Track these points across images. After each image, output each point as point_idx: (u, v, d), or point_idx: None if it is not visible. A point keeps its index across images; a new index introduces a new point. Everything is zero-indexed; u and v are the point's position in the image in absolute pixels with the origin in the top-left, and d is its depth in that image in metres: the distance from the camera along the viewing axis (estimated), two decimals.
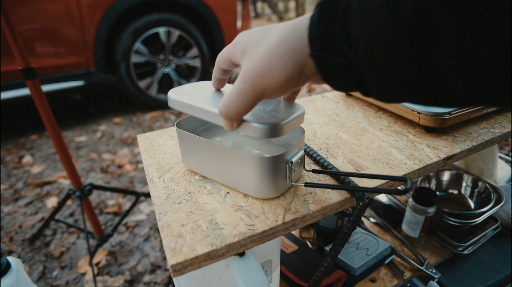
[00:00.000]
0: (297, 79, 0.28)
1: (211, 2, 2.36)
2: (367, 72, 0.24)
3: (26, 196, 1.53)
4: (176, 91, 0.41)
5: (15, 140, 2.10)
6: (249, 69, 0.29)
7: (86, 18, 1.98)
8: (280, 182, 0.39)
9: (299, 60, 0.27)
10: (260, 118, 0.34)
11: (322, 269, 0.41)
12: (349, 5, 0.23)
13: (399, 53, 0.21)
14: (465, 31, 0.18)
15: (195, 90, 0.42)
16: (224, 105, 0.31)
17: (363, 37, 0.22)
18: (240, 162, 0.38)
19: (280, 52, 0.27)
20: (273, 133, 0.33)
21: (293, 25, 0.28)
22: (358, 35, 0.23)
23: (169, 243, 0.33)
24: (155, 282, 1.07)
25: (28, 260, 1.18)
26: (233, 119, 0.32)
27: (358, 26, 0.22)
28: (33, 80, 0.84)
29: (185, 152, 0.45)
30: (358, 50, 0.23)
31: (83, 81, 2.13)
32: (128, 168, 1.75)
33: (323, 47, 0.25)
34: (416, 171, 0.45)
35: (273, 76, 0.28)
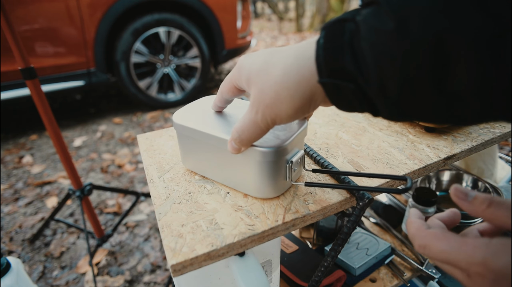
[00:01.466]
0: (307, 107, 0.28)
1: (211, 2, 2.36)
2: (379, 97, 0.23)
3: (26, 196, 1.53)
4: (181, 115, 0.43)
5: (15, 140, 2.10)
6: (258, 100, 0.29)
7: (86, 18, 1.98)
8: (280, 182, 0.39)
9: (306, 90, 0.27)
10: (263, 141, 0.35)
11: (322, 269, 0.41)
12: (357, 31, 0.23)
13: (411, 78, 0.21)
14: (481, 55, 0.18)
15: (199, 111, 0.43)
16: (238, 132, 0.32)
17: (374, 63, 0.22)
18: (240, 159, 0.38)
19: (286, 84, 0.27)
20: (277, 155, 0.35)
21: (295, 52, 0.27)
22: (368, 61, 0.22)
23: (169, 243, 0.33)
24: (155, 282, 1.07)
25: (28, 260, 1.18)
26: (244, 146, 0.33)
27: (368, 52, 0.22)
28: (33, 80, 0.84)
29: (184, 149, 0.44)
30: (369, 76, 0.23)
31: (83, 81, 2.13)
32: (128, 168, 1.75)
33: (332, 74, 0.25)
34: (416, 171, 0.45)
35: (282, 108, 0.28)
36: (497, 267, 0.20)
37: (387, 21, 0.21)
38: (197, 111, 0.43)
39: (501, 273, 0.20)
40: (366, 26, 0.22)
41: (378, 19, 0.21)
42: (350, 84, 0.24)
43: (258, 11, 9.58)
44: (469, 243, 0.22)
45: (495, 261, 0.21)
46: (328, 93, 0.26)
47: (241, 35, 2.71)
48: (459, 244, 0.23)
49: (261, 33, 7.06)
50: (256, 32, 7.10)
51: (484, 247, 0.21)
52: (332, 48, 0.24)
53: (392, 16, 0.20)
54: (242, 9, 2.67)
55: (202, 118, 0.41)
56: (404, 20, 0.20)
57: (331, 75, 0.25)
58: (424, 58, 0.20)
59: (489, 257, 0.21)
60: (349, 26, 0.23)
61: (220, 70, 3.78)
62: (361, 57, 0.23)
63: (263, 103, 0.29)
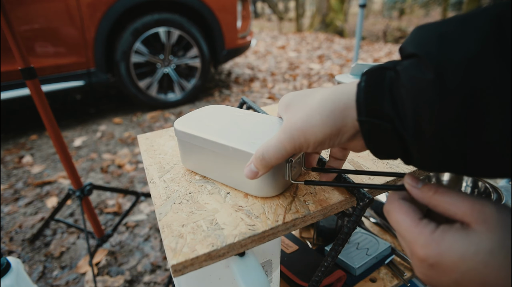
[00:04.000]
0: (334, 137, 0.29)
1: (211, 2, 2.36)
2: (414, 142, 0.25)
3: (26, 196, 1.53)
4: (182, 122, 0.43)
5: (15, 140, 2.10)
6: (289, 122, 0.31)
7: (86, 18, 1.98)
8: (280, 181, 0.39)
9: (337, 119, 0.28)
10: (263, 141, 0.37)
11: (322, 269, 0.41)
12: (397, 78, 0.25)
13: (447, 126, 0.22)
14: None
15: (200, 119, 0.44)
16: (262, 151, 0.33)
17: (412, 109, 0.24)
18: (240, 160, 0.38)
19: (320, 110, 0.29)
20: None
21: (335, 88, 0.29)
22: (406, 106, 0.24)
23: (169, 243, 0.33)
24: (155, 282, 1.07)
25: (28, 260, 1.18)
26: (264, 167, 0.33)
27: (407, 98, 0.24)
28: (33, 80, 0.84)
29: (185, 152, 0.45)
30: (406, 119, 0.24)
31: (83, 81, 2.13)
32: (128, 168, 1.75)
33: (371, 113, 0.26)
34: (417, 171, 0.45)
35: (311, 132, 0.29)
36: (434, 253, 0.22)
37: (426, 72, 0.22)
38: (198, 119, 0.45)
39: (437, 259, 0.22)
40: (406, 75, 0.24)
41: (418, 69, 0.23)
42: (388, 124, 0.26)
43: (258, 11, 9.58)
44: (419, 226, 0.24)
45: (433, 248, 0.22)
46: (364, 132, 0.28)
47: (241, 35, 2.71)
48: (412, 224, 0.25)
49: (261, 33, 7.06)
50: (256, 32, 7.10)
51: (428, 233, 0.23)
52: (373, 91, 0.26)
53: (431, 67, 0.22)
54: (242, 9, 2.67)
55: (204, 125, 0.43)
56: (443, 72, 0.21)
57: (369, 114, 0.26)
58: (459, 109, 0.21)
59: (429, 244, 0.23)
60: (389, 74, 0.25)
61: (220, 70, 3.78)
62: (399, 102, 0.24)
63: (294, 126, 0.30)
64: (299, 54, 4.56)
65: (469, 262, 0.21)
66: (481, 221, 0.21)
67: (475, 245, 0.21)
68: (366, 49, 4.96)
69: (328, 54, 4.54)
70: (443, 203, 0.24)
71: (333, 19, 6.91)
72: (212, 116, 0.46)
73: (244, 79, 3.39)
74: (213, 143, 0.39)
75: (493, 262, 0.20)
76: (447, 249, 0.22)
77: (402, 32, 6.93)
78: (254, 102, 0.45)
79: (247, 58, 4.44)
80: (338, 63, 3.96)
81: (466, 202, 0.23)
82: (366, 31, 7.19)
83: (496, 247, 0.20)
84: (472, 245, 0.21)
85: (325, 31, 6.90)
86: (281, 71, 3.67)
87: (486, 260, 0.20)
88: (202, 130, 0.41)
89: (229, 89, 3.03)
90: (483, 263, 0.20)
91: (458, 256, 0.21)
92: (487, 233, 0.21)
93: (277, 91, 2.92)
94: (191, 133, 0.41)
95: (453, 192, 0.24)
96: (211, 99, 2.75)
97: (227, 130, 0.41)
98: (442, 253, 0.22)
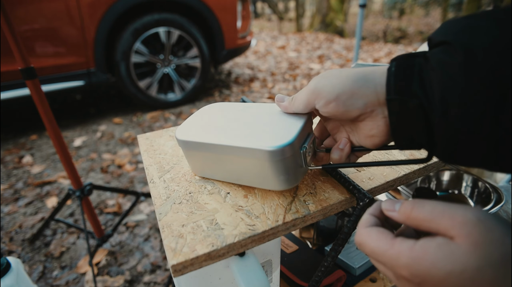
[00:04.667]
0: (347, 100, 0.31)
1: (211, 2, 2.36)
2: (441, 123, 0.26)
3: (26, 196, 1.53)
4: (183, 131, 0.42)
5: (15, 140, 2.10)
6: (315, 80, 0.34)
7: (86, 18, 1.98)
8: (298, 170, 0.38)
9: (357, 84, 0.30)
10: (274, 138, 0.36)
11: (322, 269, 0.41)
12: (427, 63, 0.27)
13: (471, 105, 0.23)
14: None
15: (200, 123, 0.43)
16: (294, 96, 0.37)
17: (439, 88, 0.25)
18: (253, 158, 0.36)
19: (346, 72, 0.32)
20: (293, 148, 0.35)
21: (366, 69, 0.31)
22: (434, 87, 0.26)
23: (169, 243, 0.33)
24: (155, 282, 1.07)
25: (28, 260, 1.18)
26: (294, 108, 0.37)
27: (435, 79, 0.25)
28: (33, 80, 0.84)
29: (193, 161, 0.43)
30: (434, 100, 0.26)
31: (83, 81, 2.13)
32: (128, 168, 1.75)
33: (399, 92, 0.28)
34: (416, 171, 0.45)
35: (328, 81, 0.32)
36: (419, 272, 0.21)
37: (455, 56, 0.24)
38: (198, 124, 0.43)
39: (423, 277, 0.21)
40: (435, 59, 0.26)
41: (447, 54, 0.25)
42: (415, 100, 0.27)
43: (258, 11, 9.58)
44: (395, 247, 0.23)
45: (416, 266, 0.21)
46: (391, 111, 0.29)
47: (241, 35, 2.71)
48: (387, 247, 0.23)
49: (261, 33, 7.06)
50: (256, 32, 7.10)
51: (408, 251, 0.22)
52: (403, 74, 0.28)
53: (460, 52, 0.24)
54: (242, 9, 2.67)
55: (206, 129, 0.41)
56: (471, 56, 0.23)
57: (398, 92, 0.28)
58: (485, 88, 0.23)
59: (411, 263, 0.22)
60: (418, 60, 0.27)
61: (220, 70, 3.78)
62: (428, 84, 0.26)
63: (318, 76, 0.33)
64: (299, 54, 4.56)
65: (456, 280, 0.20)
66: (464, 235, 0.20)
67: (462, 262, 0.20)
68: (366, 49, 4.96)
69: (328, 54, 4.54)
70: (423, 221, 0.23)
71: (333, 19, 6.91)
72: (212, 117, 0.44)
73: (244, 79, 3.38)
74: (221, 147, 0.37)
75: (480, 279, 0.19)
76: (432, 266, 0.21)
77: (402, 32, 6.93)
78: (254, 102, 0.45)
79: (247, 58, 4.44)
80: (338, 63, 3.95)
81: (446, 215, 0.22)
82: (366, 31, 7.19)
83: (483, 264, 0.19)
84: (458, 262, 0.20)
85: (325, 31, 6.90)
86: (281, 71, 3.67)
87: (473, 277, 0.19)
88: (206, 135, 0.39)
89: (229, 89, 3.03)
90: (470, 280, 0.20)
91: (444, 274, 0.20)
92: (472, 248, 0.20)
93: (277, 91, 2.92)
94: (196, 141, 0.39)
95: (430, 206, 0.23)
96: (211, 99, 2.75)
97: (231, 129, 0.39)
98: (427, 271, 0.21)
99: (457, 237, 0.21)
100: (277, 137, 0.35)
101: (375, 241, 0.24)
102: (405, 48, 4.92)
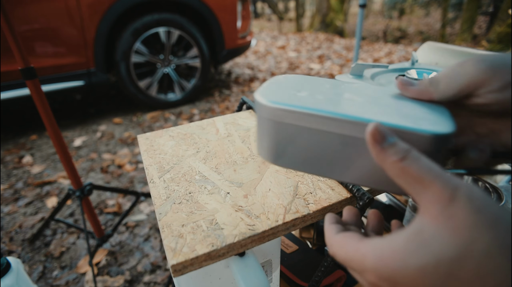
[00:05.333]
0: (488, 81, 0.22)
1: (211, 2, 2.36)
2: None
3: (26, 196, 1.53)
4: (272, 94, 0.27)
5: (15, 140, 2.10)
6: None
7: (86, 18, 1.98)
8: None
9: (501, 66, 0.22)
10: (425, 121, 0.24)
11: (322, 269, 0.41)
12: None
13: None
14: None
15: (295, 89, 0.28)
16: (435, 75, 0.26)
17: None
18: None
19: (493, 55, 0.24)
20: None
21: None
22: None
23: (169, 243, 0.33)
24: (155, 282, 1.07)
25: (28, 260, 1.18)
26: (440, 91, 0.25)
27: None
28: (33, 80, 0.84)
29: (279, 142, 0.27)
30: None
31: (83, 81, 2.13)
32: (128, 168, 1.75)
33: None
34: None
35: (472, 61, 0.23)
36: (387, 274, 0.18)
37: None
38: (290, 91, 0.28)
39: (393, 280, 0.18)
40: None
41: None
42: None
43: (258, 11, 9.59)
44: (360, 250, 0.20)
45: (383, 268, 0.18)
46: None
47: (241, 35, 2.71)
48: (353, 252, 0.21)
49: (261, 33, 7.06)
50: (256, 32, 7.10)
51: (372, 252, 0.19)
52: None
53: None
54: (242, 9, 2.67)
55: (310, 98, 0.26)
56: None
57: None
58: None
59: (377, 265, 0.19)
60: None
61: (220, 70, 3.78)
62: None
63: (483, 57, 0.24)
64: (299, 54, 4.56)
65: (431, 277, 0.17)
66: (446, 217, 0.17)
67: (436, 253, 0.16)
68: (366, 49, 4.96)
69: (328, 54, 4.54)
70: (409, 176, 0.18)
71: (333, 19, 6.91)
72: (304, 86, 0.29)
73: (244, 79, 3.38)
74: (345, 123, 0.23)
75: (458, 272, 0.16)
76: (401, 264, 0.17)
77: (402, 32, 6.93)
78: (254, 102, 0.44)
79: (247, 58, 4.44)
80: (338, 63, 3.95)
81: (438, 181, 0.17)
82: (366, 31, 7.19)
83: (463, 253, 0.16)
84: (432, 253, 0.16)
85: (325, 31, 6.90)
86: (281, 71, 3.67)
87: (450, 271, 0.16)
88: (323, 105, 0.25)
89: (229, 89, 3.03)
90: (447, 275, 0.16)
91: (416, 271, 0.17)
92: (451, 235, 0.16)
93: None
94: (304, 111, 0.24)
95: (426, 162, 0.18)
96: (211, 99, 2.75)
97: (354, 104, 0.26)
98: (396, 272, 0.17)
99: (434, 218, 0.17)
100: (431, 121, 0.23)
101: (343, 248, 0.22)
102: (405, 48, 4.92)
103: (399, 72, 0.74)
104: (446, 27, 5.88)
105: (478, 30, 5.60)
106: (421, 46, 0.84)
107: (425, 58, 0.81)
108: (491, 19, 5.38)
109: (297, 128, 0.26)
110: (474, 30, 5.39)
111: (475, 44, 5.04)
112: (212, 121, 0.63)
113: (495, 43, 4.16)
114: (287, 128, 0.26)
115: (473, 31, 5.32)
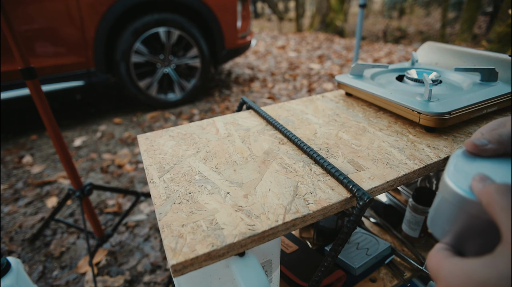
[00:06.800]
0: None
1: (211, 2, 2.36)
2: None
3: (26, 196, 1.53)
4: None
5: (15, 140, 2.10)
6: None
7: (86, 18, 1.98)
8: None
9: None
10: None
11: (322, 269, 0.41)
12: None
13: None
14: None
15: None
16: None
17: None
18: None
19: None
20: None
21: None
22: None
23: (169, 243, 0.33)
24: (155, 282, 1.07)
25: (28, 260, 1.18)
26: None
27: None
28: (33, 80, 0.84)
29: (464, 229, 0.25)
30: None
31: (83, 81, 2.13)
32: (128, 168, 1.75)
33: None
34: (416, 171, 0.45)
35: None
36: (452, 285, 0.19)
37: None
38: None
39: None
40: None
41: None
42: None
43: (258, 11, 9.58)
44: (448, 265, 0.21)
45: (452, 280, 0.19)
46: None
47: (241, 35, 2.71)
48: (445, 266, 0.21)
49: (261, 33, 7.05)
50: (256, 32, 7.10)
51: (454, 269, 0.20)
52: None
53: None
54: (242, 9, 2.67)
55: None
56: None
57: None
58: None
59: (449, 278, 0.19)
60: None
61: (220, 70, 3.78)
62: None
63: None
64: (299, 54, 4.56)
65: None
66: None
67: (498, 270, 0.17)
68: (366, 49, 4.96)
69: (328, 54, 4.54)
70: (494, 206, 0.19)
71: (333, 19, 6.91)
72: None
73: (244, 79, 3.38)
74: None
75: None
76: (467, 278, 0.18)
77: (402, 32, 6.93)
78: (254, 102, 0.44)
79: (247, 58, 4.44)
80: (338, 63, 3.95)
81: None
82: (366, 31, 7.19)
83: None
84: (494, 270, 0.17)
85: (325, 31, 6.90)
86: (281, 71, 3.67)
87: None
88: None
89: (229, 89, 3.03)
90: None
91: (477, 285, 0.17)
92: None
93: (277, 91, 2.92)
94: None
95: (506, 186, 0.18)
96: (211, 99, 2.75)
97: None
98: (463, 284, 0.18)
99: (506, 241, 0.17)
100: None
101: (430, 259, 0.23)
102: (405, 48, 4.92)
103: (399, 72, 0.74)
104: (446, 27, 5.88)
105: (478, 30, 5.60)
106: (421, 46, 0.84)
107: (425, 58, 0.81)
108: (491, 19, 5.37)
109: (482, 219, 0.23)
110: (474, 30, 5.39)
111: (475, 44, 5.04)
112: (212, 121, 0.63)
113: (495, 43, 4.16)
114: (477, 221, 0.23)
115: (473, 31, 5.32)
